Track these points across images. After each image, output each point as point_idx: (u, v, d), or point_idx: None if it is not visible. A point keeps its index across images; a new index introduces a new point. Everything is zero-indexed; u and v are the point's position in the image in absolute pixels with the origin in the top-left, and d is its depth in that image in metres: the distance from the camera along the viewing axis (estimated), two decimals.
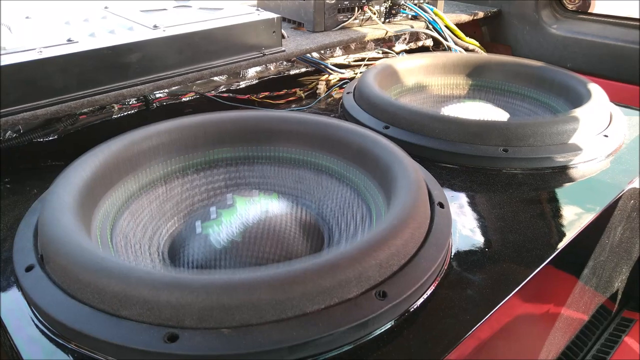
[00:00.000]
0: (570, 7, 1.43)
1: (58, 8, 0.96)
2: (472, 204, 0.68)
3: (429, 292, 0.51)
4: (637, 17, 1.34)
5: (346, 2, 1.15)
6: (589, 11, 1.42)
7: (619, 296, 1.03)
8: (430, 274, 0.51)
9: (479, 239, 0.61)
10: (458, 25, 1.38)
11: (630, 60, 1.30)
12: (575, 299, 0.75)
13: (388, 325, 0.47)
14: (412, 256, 0.51)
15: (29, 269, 0.50)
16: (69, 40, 0.78)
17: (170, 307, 0.42)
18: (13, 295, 0.50)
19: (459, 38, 1.33)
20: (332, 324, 0.44)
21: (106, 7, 0.98)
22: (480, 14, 1.45)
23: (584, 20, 1.41)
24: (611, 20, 1.36)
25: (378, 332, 0.46)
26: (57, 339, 0.45)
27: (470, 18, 1.41)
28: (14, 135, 0.77)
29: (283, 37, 1.02)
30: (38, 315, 0.47)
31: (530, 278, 0.55)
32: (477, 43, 1.39)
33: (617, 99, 1.08)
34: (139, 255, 0.60)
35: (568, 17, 1.43)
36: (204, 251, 0.59)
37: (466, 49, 1.34)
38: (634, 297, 1.10)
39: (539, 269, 0.56)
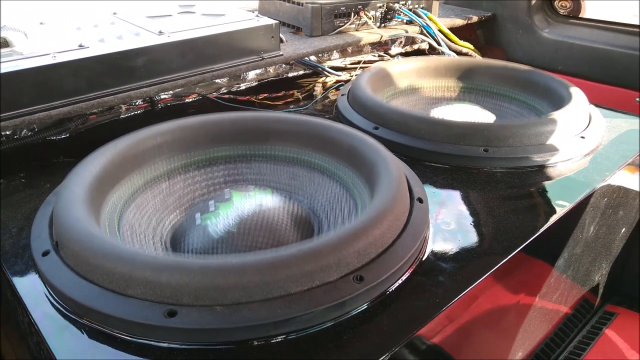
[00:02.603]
0: (561, 11, 1.48)
1: (70, 14, 1.02)
2: (451, 200, 0.73)
3: (404, 277, 0.57)
4: (626, 22, 1.39)
5: (342, 8, 1.20)
6: (579, 16, 1.47)
7: (601, 290, 1.08)
8: (405, 261, 0.56)
9: (454, 231, 0.66)
10: (453, 29, 1.42)
11: (618, 64, 1.35)
12: (551, 289, 0.80)
13: (364, 306, 0.52)
14: (389, 245, 0.57)
15: (45, 254, 0.56)
16: (80, 45, 0.84)
17: (170, 287, 0.48)
18: (31, 277, 0.56)
19: (453, 42, 1.38)
20: (313, 304, 0.49)
21: (115, 13, 1.04)
22: (475, 18, 1.50)
23: (574, 24, 1.46)
24: (601, 25, 1.41)
25: (355, 311, 0.52)
26: (70, 315, 0.51)
27: (465, 22, 1.46)
28: (29, 133, 0.83)
29: (281, 41, 1.08)
30: (53, 294, 0.53)
31: (500, 266, 0.60)
32: (471, 46, 1.44)
33: (605, 102, 1.12)
34: (144, 244, 0.66)
35: (559, 21, 1.48)
36: (203, 240, 0.65)
37: (460, 52, 1.39)
38: (617, 292, 1.15)
39: (507, 258, 0.61)
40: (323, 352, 0.48)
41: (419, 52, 1.42)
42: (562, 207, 0.72)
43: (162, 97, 0.99)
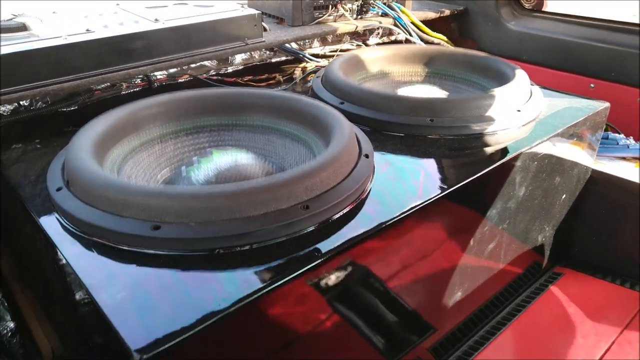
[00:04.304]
0: (526, 6, 1.62)
1: (78, 5, 1.17)
2: (397, 159, 0.87)
3: (345, 210, 0.70)
4: (583, 15, 1.52)
5: (321, 1, 1.34)
6: (542, 10, 1.60)
7: (548, 252, 1.22)
8: (346, 197, 0.70)
9: (393, 181, 0.80)
10: (426, 21, 1.56)
11: (575, 53, 1.48)
12: (486, 237, 0.93)
13: (311, 228, 0.66)
14: (334, 186, 0.71)
15: (58, 189, 0.70)
16: (87, 30, 0.98)
17: (155, 208, 0.62)
18: (48, 208, 0.71)
19: (425, 33, 1.51)
20: (268, 223, 0.63)
21: (118, 4, 1.19)
22: (447, 12, 1.63)
23: (538, 17, 1.59)
24: (561, 18, 1.54)
25: (304, 232, 0.66)
26: (79, 233, 0.65)
27: (437, 15, 1.60)
28: (44, 105, 0.98)
29: (265, 29, 1.21)
30: (66, 219, 0.68)
31: (429, 207, 0.74)
32: (444, 37, 1.58)
33: (563, 87, 1.26)
34: None
35: (524, 15, 1.62)
36: None
37: (432, 43, 1.52)
38: (566, 255, 1.29)
39: (433, 199, 0.75)
40: (275, 259, 0.62)
41: (396, 42, 1.55)
42: (488, 165, 0.85)
43: (158, 77, 1.13)
